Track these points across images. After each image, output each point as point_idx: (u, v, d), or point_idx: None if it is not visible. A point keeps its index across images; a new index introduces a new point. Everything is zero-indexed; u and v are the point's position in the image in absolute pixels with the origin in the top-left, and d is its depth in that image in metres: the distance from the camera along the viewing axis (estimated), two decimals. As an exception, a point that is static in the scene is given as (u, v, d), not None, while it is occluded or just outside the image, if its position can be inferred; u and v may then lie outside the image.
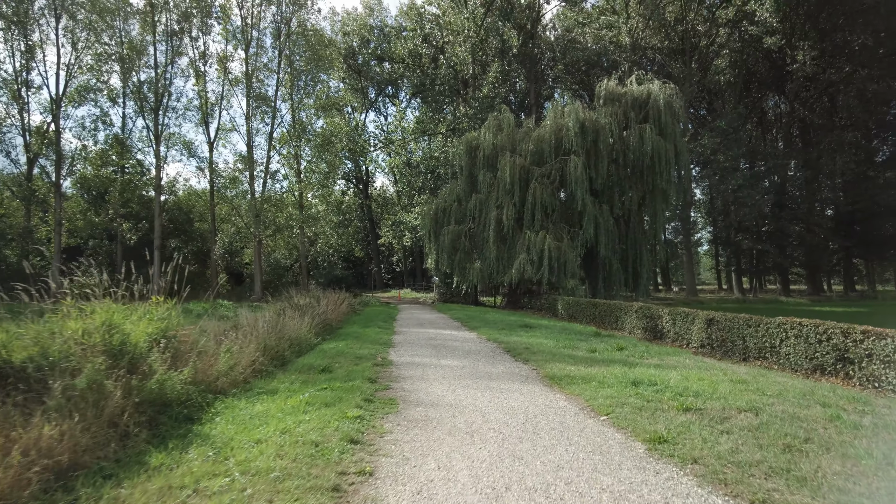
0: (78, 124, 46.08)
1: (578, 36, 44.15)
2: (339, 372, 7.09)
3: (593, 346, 9.49)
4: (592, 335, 11.73)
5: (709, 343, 11.03)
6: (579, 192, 22.78)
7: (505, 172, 23.87)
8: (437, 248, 26.22)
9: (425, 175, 37.06)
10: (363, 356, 8.36)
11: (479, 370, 7.22)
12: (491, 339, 10.84)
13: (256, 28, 36.68)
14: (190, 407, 5.17)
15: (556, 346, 9.54)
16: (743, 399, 5.18)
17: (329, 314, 13.12)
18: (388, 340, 10.61)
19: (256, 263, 37.11)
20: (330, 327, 12.38)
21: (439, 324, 14.85)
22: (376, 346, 9.70)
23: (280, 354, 8.61)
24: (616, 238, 24.18)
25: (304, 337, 10.25)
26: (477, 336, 11.54)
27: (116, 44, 35.88)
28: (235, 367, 6.73)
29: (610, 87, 26.22)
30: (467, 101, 36.44)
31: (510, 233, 23.68)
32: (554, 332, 11.93)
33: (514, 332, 12.05)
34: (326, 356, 8.54)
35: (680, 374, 6.52)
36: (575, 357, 8.14)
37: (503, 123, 27.15)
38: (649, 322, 13.66)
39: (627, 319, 14.91)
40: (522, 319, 15.94)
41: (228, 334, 8.57)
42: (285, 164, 39.90)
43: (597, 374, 6.62)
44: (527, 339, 10.61)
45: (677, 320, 12.36)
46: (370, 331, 12.28)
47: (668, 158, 24.00)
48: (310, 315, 11.76)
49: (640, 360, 8.02)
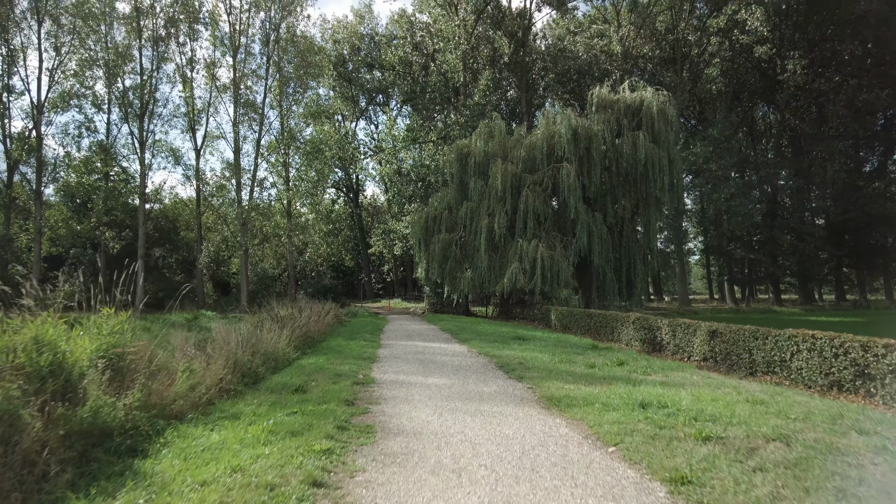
0: (61, 131, 45.27)
1: (569, 45, 44.08)
2: (314, 392, 6.40)
3: (592, 361, 8.88)
4: (589, 348, 11.11)
5: (712, 356, 10.46)
6: (572, 199, 22.30)
7: (496, 180, 23.35)
8: (428, 257, 25.58)
9: (416, 183, 36.50)
10: (343, 374, 7.67)
11: (470, 389, 6.56)
12: (482, 352, 10.19)
13: (245, 34, 36.15)
14: (136, 437, 4.47)
15: (551, 360, 8.91)
16: (766, 424, 4.57)
17: (311, 326, 12.40)
18: (372, 355, 9.93)
19: (243, 273, 36.22)
20: (312, 340, 11.67)
21: (428, 336, 14.17)
22: (359, 361, 9.01)
23: (253, 371, 7.90)
24: (610, 247, 23.68)
25: (281, 352, 9.54)
26: (468, 349, 10.88)
27: (102, 49, 35.15)
28: (197, 388, 6.02)
29: (602, 94, 25.87)
30: (458, 108, 36.04)
31: (502, 241, 23.12)
32: (549, 345, 11.31)
33: (507, 344, 11.41)
34: (303, 373, 7.84)
35: (690, 394, 5.91)
36: (573, 374, 7.51)
37: (494, 130, 26.70)
38: (648, 334, 13.08)
39: (624, 331, 14.34)
40: (515, 331, 15.31)
41: (198, 349, 7.87)
42: (273, 171, 39.20)
43: (599, 394, 5.99)
44: (520, 352, 9.97)
45: (677, 332, 11.79)
46: (354, 344, 11.58)
47: (661, 166, 23.59)
48: (289, 328, 11.05)
49: (644, 377, 7.41)
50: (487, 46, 40.30)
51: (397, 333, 15.00)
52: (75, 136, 37.50)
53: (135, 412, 4.61)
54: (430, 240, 25.65)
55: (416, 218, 27.73)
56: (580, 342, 12.59)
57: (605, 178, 24.12)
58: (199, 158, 37.83)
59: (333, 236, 46.88)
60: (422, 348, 11.12)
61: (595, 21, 44.50)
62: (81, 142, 37.84)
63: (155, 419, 4.89)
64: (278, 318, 11.71)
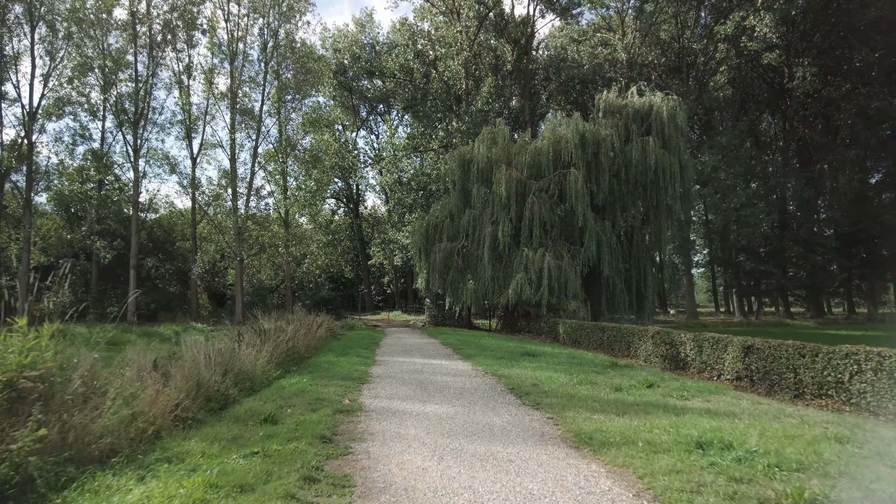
0: (55, 138, 44.45)
1: (573, 54, 43.42)
2: (286, 423, 5.24)
3: (616, 382, 7.69)
4: (608, 366, 9.92)
5: (747, 375, 9.26)
6: (580, 206, 21.20)
7: (500, 186, 22.29)
8: (428, 267, 24.44)
9: (416, 192, 35.48)
10: (326, 398, 6.50)
11: (477, 421, 5.38)
12: (489, 371, 9.01)
13: (243, 41, 35.44)
14: (26, 494, 3.31)
15: (569, 381, 7.73)
16: (881, 477, 3.40)
17: (299, 341, 11.22)
18: (363, 374, 8.75)
19: (238, 284, 35.08)
20: (298, 357, 10.49)
21: (428, 351, 12.98)
22: (347, 382, 7.83)
23: (221, 394, 6.73)
24: (619, 256, 22.53)
25: (260, 370, 8.37)
26: (472, 367, 9.69)
27: (98, 55, 34.41)
28: (140, 417, 4.87)
29: (609, 98, 24.91)
30: (460, 116, 35.16)
31: (506, 250, 22.00)
32: (562, 363, 10.12)
33: (516, 361, 10.22)
34: (281, 397, 6.67)
35: (752, 427, 4.73)
36: (599, 399, 6.33)
37: (498, 136, 25.71)
38: (669, 349, 11.89)
39: (642, 346, 13.14)
40: (522, 345, 14.10)
41: (159, 367, 6.71)
42: (271, 180, 38.24)
43: (639, 427, 4.82)
44: (532, 371, 8.78)
45: (704, 347, 10.60)
46: (346, 361, 10.40)
47: (673, 173, 22.54)
48: (273, 343, 9.88)
49: (683, 402, 6.23)
50: (490, 54, 39.59)
51: (394, 348, 13.81)
52: (69, 144, 36.68)
53: (31, 458, 3.44)
54: (431, 249, 24.53)
55: (416, 226, 26.64)
56: (595, 359, 11.39)
57: (613, 185, 23.02)
58: (195, 167, 36.94)
59: (332, 247, 45.77)
60: (420, 366, 9.94)
61: (599, 30, 43.85)
62: (76, 150, 37.03)
63: (65, 465, 3.73)
64: (262, 332, 10.55)
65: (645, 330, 13.24)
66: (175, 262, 39.69)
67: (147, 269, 36.64)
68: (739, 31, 37.14)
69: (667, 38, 41.82)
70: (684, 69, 39.67)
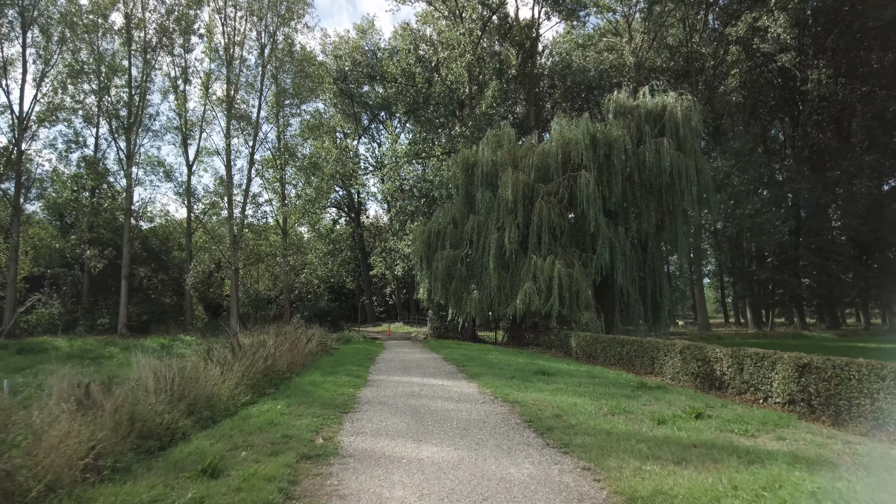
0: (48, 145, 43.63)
1: (578, 59, 42.42)
2: (230, 476, 3.88)
3: (654, 410, 6.31)
4: (637, 387, 8.52)
5: (804, 399, 7.84)
6: (592, 211, 19.85)
7: (507, 190, 20.99)
8: (430, 276, 23.08)
9: (418, 199, 34.23)
10: (295, 435, 5.13)
11: (488, 473, 4.01)
12: (499, 395, 7.61)
13: (241, 46, 34.49)
14: None
15: (598, 410, 6.35)
16: None
17: (281, 357, 9.86)
18: (350, 399, 7.37)
19: (233, 294, 33.81)
20: (279, 376, 9.12)
21: (428, 368, 11.59)
22: (328, 410, 6.46)
23: (167, 428, 5.38)
24: (633, 264, 21.10)
25: (226, 394, 7.02)
26: (478, 389, 8.30)
27: (93, 60, 33.53)
28: (16, 473, 3.52)
29: (620, 99, 23.64)
30: (463, 120, 34.02)
31: (513, 258, 20.61)
32: (583, 383, 8.72)
33: (529, 382, 8.82)
34: (241, 432, 5.32)
35: (881, 490, 3.34)
36: (643, 437, 4.94)
37: (503, 139, 24.47)
38: (702, 366, 10.47)
39: (668, 362, 11.72)
40: (533, 361, 12.69)
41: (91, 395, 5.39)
42: (269, 188, 37.12)
43: (715, 487, 3.44)
44: (550, 395, 7.39)
45: (746, 365, 9.20)
46: (333, 381, 9.02)
47: (689, 176, 21.19)
48: (248, 360, 8.53)
49: (751, 441, 4.84)
50: (494, 59, 38.57)
51: (391, 365, 12.42)
52: (63, 152, 35.71)
53: None
54: (433, 257, 23.18)
55: (417, 233, 25.32)
56: (619, 378, 9.98)
57: (626, 188, 21.67)
58: (190, 174, 35.90)
59: (332, 257, 44.49)
60: (418, 388, 8.55)
61: (605, 34, 42.87)
62: (70, 156, 36.05)
63: None
64: (237, 347, 9.20)
65: (671, 344, 11.83)
66: (170, 272, 38.49)
67: (139, 280, 35.38)
68: (751, 33, 35.97)
69: (674, 42, 40.80)
70: (693, 74, 38.52)
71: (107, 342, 22.89)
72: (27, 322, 31.72)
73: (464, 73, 34.34)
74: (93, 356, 18.82)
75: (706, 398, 8.23)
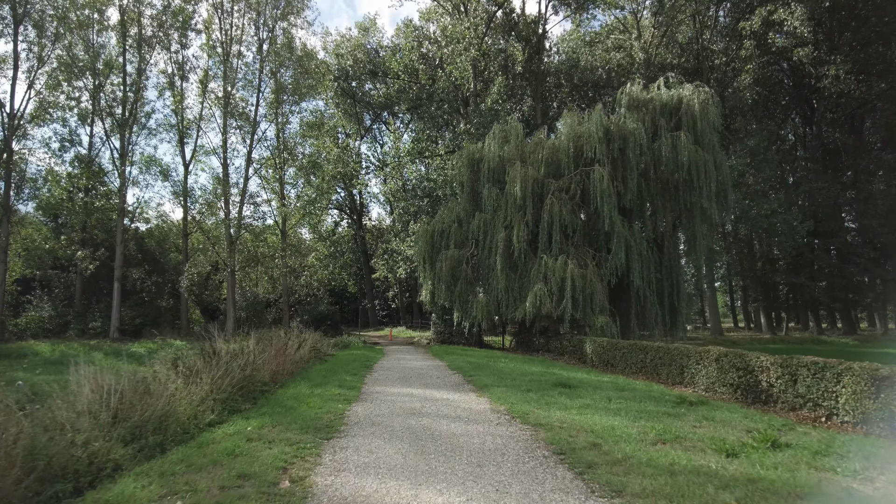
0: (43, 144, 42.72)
1: (586, 56, 41.31)
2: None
3: (711, 434, 5.05)
4: (676, 402, 7.25)
5: (881, 419, 6.56)
6: (606, 208, 18.59)
7: (515, 185, 19.76)
8: (434, 278, 21.84)
9: (421, 199, 33.03)
10: (256, 473, 3.90)
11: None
12: (516, 413, 6.36)
13: (239, 42, 33.44)
14: None
15: (641, 434, 5.10)
16: None
17: (263, 366, 8.63)
18: (337, 418, 6.13)
19: (230, 297, 32.65)
20: (258, 388, 7.88)
21: (432, 378, 10.33)
22: (307, 435, 5.22)
23: (92, 463, 4.16)
24: (650, 265, 19.80)
25: (185, 414, 5.79)
26: (490, 405, 7.04)
27: (90, 57, 32.57)
28: None
29: (633, 91, 22.39)
30: (468, 117, 32.85)
31: (522, 258, 19.36)
32: (612, 397, 7.46)
33: (548, 396, 7.56)
34: (189, 468, 4.10)
35: None
36: (718, 478, 3.68)
37: (510, 134, 23.27)
38: (744, 377, 9.18)
39: (702, 371, 10.43)
40: (548, 370, 11.42)
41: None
42: (268, 188, 36.00)
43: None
44: (578, 414, 6.13)
45: (801, 376, 7.91)
46: (321, 394, 7.78)
47: (707, 171, 19.93)
48: (222, 370, 7.30)
49: (871, 488, 3.57)
50: (500, 55, 37.47)
51: (390, 374, 11.16)
52: (56, 151, 34.68)
53: None
54: (437, 257, 21.94)
55: (420, 232, 24.09)
56: (650, 390, 8.71)
57: (641, 185, 20.41)
58: (187, 172, 34.85)
59: (333, 259, 43.32)
60: (419, 403, 7.29)
61: (613, 31, 41.77)
62: (64, 156, 35.01)
63: None
64: (211, 356, 7.98)
65: (705, 351, 10.54)
66: (166, 274, 37.36)
67: (133, 282, 34.25)
68: (766, 27, 34.71)
69: (684, 40, 39.69)
70: (704, 71, 37.29)
71: (92, 347, 21.73)
72: (16, 325, 30.62)
73: (468, 69, 33.20)
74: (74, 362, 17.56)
75: (758, 415, 6.94)
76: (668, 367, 11.66)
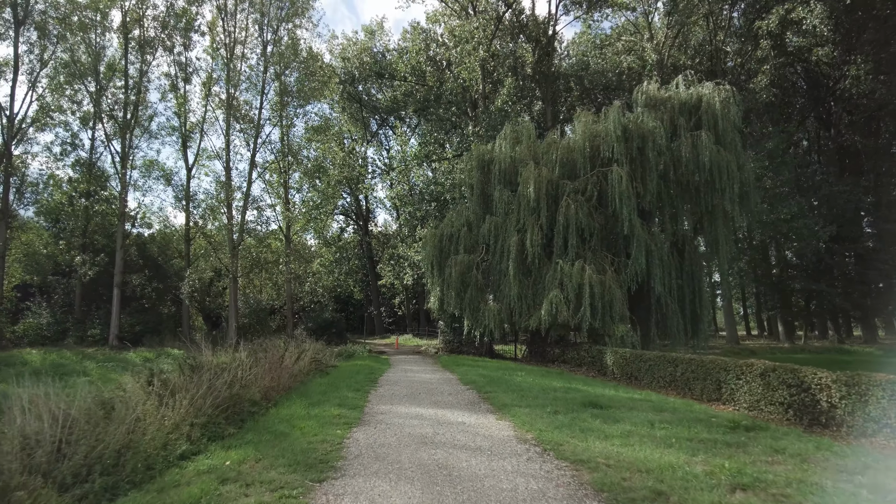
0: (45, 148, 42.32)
1: (597, 59, 40.46)
2: None
3: (797, 476, 4.02)
4: (729, 427, 6.20)
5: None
6: (625, 210, 17.58)
7: (528, 187, 18.78)
8: (442, 284, 20.84)
9: (428, 203, 32.10)
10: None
11: None
12: (547, 443, 5.34)
13: (243, 44, 32.85)
14: None
15: (709, 476, 4.08)
16: None
17: (256, 381, 7.65)
18: (333, 449, 5.14)
19: (232, 304, 31.77)
20: (247, 408, 6.91)
21: (443, 394, 9.32)
22: (295, 474, 4.24)
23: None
24: (672, 271, 18.71)
25: (151, 444, 4.82)
26: (515, 432, 6.03)
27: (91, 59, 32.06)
28: None
29: (650, 90, 21.39)
30: (477, 118, 31.97)
31: (536, 263, 18.35)
32: (654, 421, 6.42)
33: (581, 419, 6.53)
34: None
35: None
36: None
37: (522, 134, 22.35)
38: (796, 395, 8.09)
39: (743, 387, 9.35)
40: (571, 385, 10.38)
41: None
42: (272, 192, 35.22)
43: None
44: (623, 446, 5.10)
45: (874, 396, 6.84)
46: (317, 416, 6.78)
47: (730, 172, 18.90)
48: (205, 387, 6.34)
49: None
50: (509, 57, 36.68)
51: (396, 389, 10.16)
52: (58, 155, 34.13)
53: None
54: (446, 263, 20.95)
55: (428, 236, 23.12)
56: (691, 410, 7.65)
57: (661, 186, 19.39)
58: (189, 176, 34.16)
59: (339, 265, 42.42)
60: (431, 428, 6.28)
61: (624, 33, 40.92)
62: (65, 159, 34.45)
63: None
64: (192, 370, 7.02)
65: (747, 364, 9.46)
66: (169, 280, 36.60)
67: (133, 288, 33.50)
68: (784, 26, 33.63)
69: (697, 42, 38.80)
70: (718, 74, 36.28)
71: (87, 356, 20.87)
72: (13, 333, 29.88)
73: (477, 70, 32.36)
74: (64, 371, 16.72)
75: (832, 444, 5.88)
76: (703, 381, 10.59)
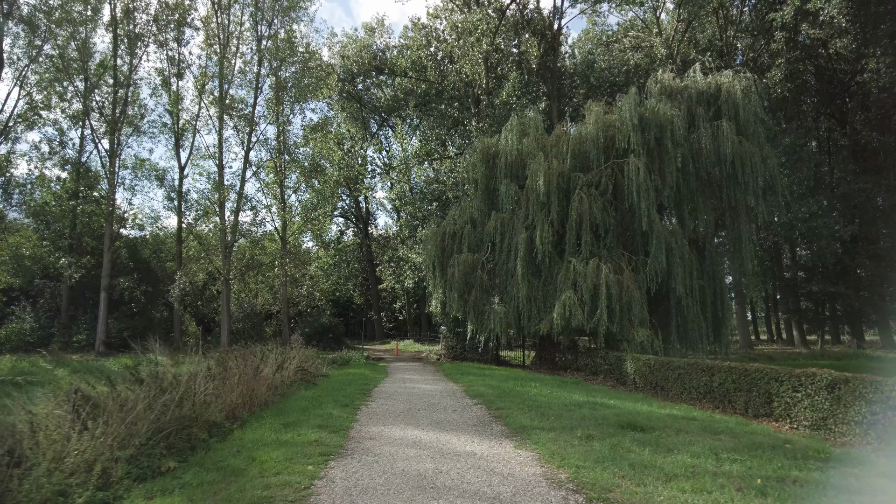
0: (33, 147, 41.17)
1: (603, 56, 39.26)
2: None
3: None
4: (819, 457, 4.77)
5: None
6: (643, 204, 16.19)
7: (537, 180, 17.39)
8: (445, 285, 19.42)
9: (430, 202, 30.75)
10: None
11: None
12: (592, 491, 3.91)
13: (237, 38, 31.62)
14: None
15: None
16: None
17: (219, 397, 6.26)
18: (296, 496, 3.73)
19: (224, 308, 30.34)
20: (201, 434, 5.52)
21: (446, 411, 7.90)
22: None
23: None
24: (693, 270, 17.28)
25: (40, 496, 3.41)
26: (541, 468, 4.61)
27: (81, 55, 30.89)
28: None
29: (665, 79, 20.05)
30: (480, 114, 30.67)
31: (546, 262, 16.93)
32: (715, 448, 4.99)
33: (626, 449, 5.10)
34: None
35: None
36: None
37: (529, 126, 20.98)
38: (880, 413, 6.65)
39: (803, 401, 7.89)
40: (594, 399, 8.93)
41: None
42: (268, 192, 33.90)
43: None
44: (693, 492, 3.69)
45: None
46: (288, 441, 5.37)
47: (753, 165, 17.55)
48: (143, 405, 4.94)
49: None
50: (514, 53, 35.46)
51: (392, 404, 8.74)
52: (47, 154, 32.91)
53: None
54: (448, 263, 19.53)
55: (430, 235, 21.68)
56: (752, 431, 6.23)
57: (679, 180, 17.99)
58: (182, 178, 32.87)
59: (337, 269, 41.04)
60: (431, 463, 4.86)
61: (631, 29, 39.71)
62: (53, 158, 33.20)
63: None
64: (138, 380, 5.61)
65: (808, 374, 8.00)
66: (160, 284, 35.24)
67: (121, 292, 32.15)
68: (799, 17, 32.30)
69: (706, 39, 37.62)
70: (731, 67, 34.98)
71: (62, 363, 19.47)
72: (-5, 338, 28.55)
73: (480, 64, 31.08)
74: (30, 381, 15.31)
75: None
76: (748, 393, 9.14)
